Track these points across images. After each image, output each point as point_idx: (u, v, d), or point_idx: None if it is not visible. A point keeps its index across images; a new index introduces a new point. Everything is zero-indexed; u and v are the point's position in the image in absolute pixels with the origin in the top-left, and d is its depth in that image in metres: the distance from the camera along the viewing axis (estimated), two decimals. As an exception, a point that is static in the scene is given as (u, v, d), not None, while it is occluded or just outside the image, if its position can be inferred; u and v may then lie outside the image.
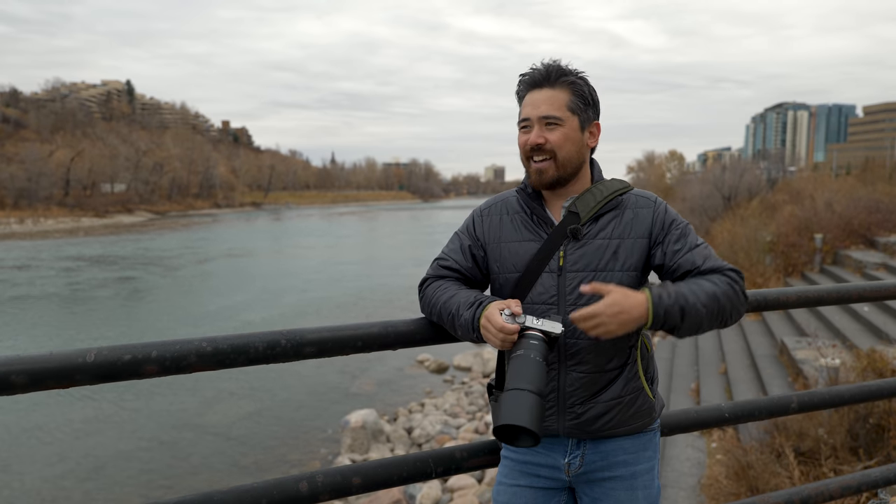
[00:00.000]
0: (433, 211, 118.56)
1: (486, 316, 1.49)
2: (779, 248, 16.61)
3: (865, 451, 5.17)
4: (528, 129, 1.60)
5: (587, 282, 1.54)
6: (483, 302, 1.55)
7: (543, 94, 1.59)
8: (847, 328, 9.61)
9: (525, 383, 1.35)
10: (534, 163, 1.60)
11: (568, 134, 1.59)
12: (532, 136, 1.59)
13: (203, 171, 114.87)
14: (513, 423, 1.30)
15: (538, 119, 1.58)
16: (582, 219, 1.59)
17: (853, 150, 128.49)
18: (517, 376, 1.37)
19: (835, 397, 2.46)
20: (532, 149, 1.59)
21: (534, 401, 1.33)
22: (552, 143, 1.58)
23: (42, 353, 1.34)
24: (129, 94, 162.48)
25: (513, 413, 1.31)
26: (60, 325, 20.81)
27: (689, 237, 1.60)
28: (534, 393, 1.34)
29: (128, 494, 9.27)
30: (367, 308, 22.48)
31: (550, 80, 1.59)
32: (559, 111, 1.58)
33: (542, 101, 1.58)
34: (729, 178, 31.06)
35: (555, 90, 1.59)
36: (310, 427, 11.79)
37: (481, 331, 1.51)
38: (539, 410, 1.33)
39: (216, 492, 1.53)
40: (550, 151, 1.58)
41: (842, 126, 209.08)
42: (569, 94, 1.59)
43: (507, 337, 1.45)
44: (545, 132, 1.58)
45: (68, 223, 73.01)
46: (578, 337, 1.56)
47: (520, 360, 1.40)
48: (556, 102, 1.58)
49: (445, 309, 1.62)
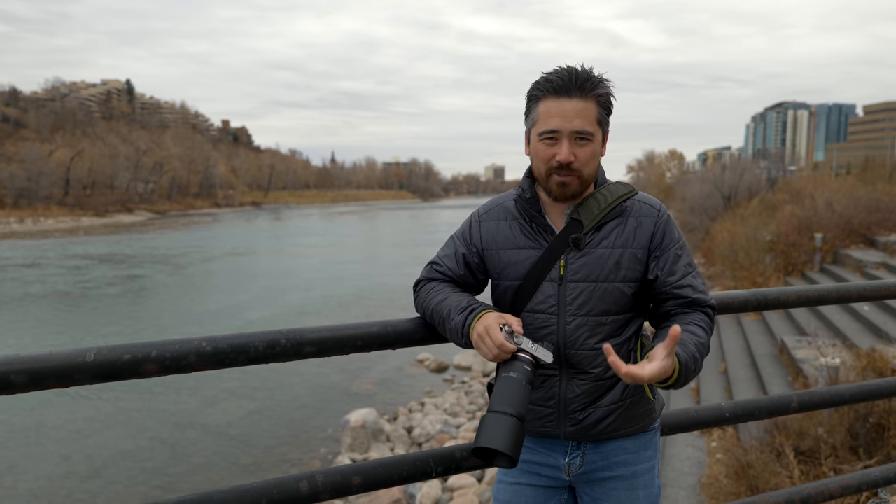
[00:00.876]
0: (433, 210, 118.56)
1: (486, 328, 1.46)
2: (779, 247, 16.60)
3: (865, 451, 5.17)
4: (555, 141, 1.49)
5: (589, 293, 1.54)
6: (475, 309, 1.53)
7: (574, 105, 1.47)
8: (847, 327, 9.61)
9: (508, 407, 1.38)
10: (558, 176, 1.51)
11: (595, 150, 1.52)
12: (563, 152, 1.48)
13: (203, 171, 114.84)
14: (491, 446, 1.34)
15: (569, 133, 1.48)
16: (585, 227, 1.55)
17: (853, 150, 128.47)
18: (501, 399, 1.39)
19: (835, 397, 2.45)
20: (561, 165, 1.49)
21: (513, 425, 1.36)
22: (581, 160, 1.49)
23: (42, 353, 1.33)
24: (128, 94, 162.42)
25: (491, 436, 1.35)
26: (62, 323, 20.81)
27: (682, 260, 1.59)
28: (514, 417, 1.37)
29: (128, 494, 9.27)
30: (367, 307, 22.48)
31: (584, 91, 1.47)
32: (591, 126, 1.48)
33: (574, 114, 1.47)
34: (729, 177, 31.03)
35: (586, 102, 1.48)
36: (310, 426, 11.79)
37: (476, 339, 1.48)
38: (518, 434, 1.36)
39: (216, 491, 1.53)
40: (578, 168, 1.50)
41: (842, 125, 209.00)
42: (597, 106, 1.49)
43: (502, 354, 1.44)
44: (575, 148, 1.49)
45: (68, 222, 73.02)
46: (578, 346, 1.56)
47: (508, 382, 1.42)
48: (588, 116, 1.48)
49: (437, 311, 1.61)
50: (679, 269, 1.57)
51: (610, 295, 1.54)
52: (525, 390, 1.41)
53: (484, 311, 1.53)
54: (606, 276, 1.54)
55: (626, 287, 1.55)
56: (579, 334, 1.55)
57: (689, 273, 1.58)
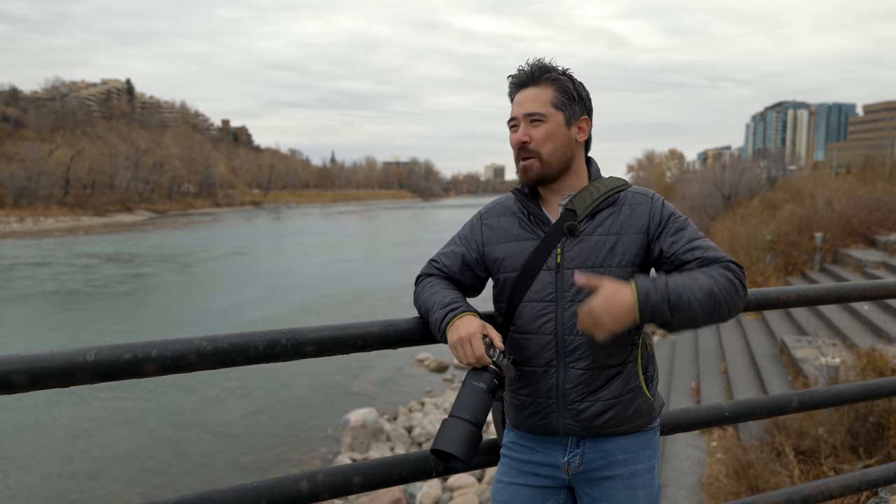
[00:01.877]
0: (433, 210, 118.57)
1: (470, 335, 1.50)
2: (779, 246, 16.61)
3: (865, 450, 5.18)
4: (516, 128, 1.63)
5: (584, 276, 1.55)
6: (456, 308, 1.58)
7: (528, 92, 1.62)
8: (847, 327, 9.61)
9: (467, 413, 1.45)
10: (521, 161, 1.63)
11: (552, 130, 1.60)
12: (518, 133, 1.61)
13: (203, 170, 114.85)
14: (446, 449, 1.42)
15: (524, 117, 1.61)
16: (579, 216, 1.59)
17: (853, 149, 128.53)
18: (463, 405, 1.47)
19: (835, 396, 2.46)
20: (520, 147, 1.62)
21: (470, 431, 1.44)
22: (535, 140, 1.60)
23: (42, 352, 1.33)
24: (128, 93, 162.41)
25: (447, 440, 1.43)
26: (65, 322, 20.82)
27: (686, 230, 1.58)
28: (472, 424, 1.45)
29: (128, 494, 9.27)
30: (368, 307, 22.49)
31: (535, 79, 1.62)
32: (542, 107, 1.60)
33: (526, 100, 1.61)
34: (729, 176, 31.02)
35: (539, 88, 1.61)
36: (310, 426, 11.79)
37: (456, 342, 1.52)
38: (473, 440, 1.44)
39: (216, 491, 1.53)
40: (535, 149, 1.60)
41: (842, 125, 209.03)
42: (552, 90, 1.61)
43: (477, 364, 1.51)
44: (530, 129, 1.61)
45: (68, 222, 73.01)
46: (577, 334, 1.56)
47: (473, 391, 1.48)
48: (539, 99, 1.60)
49: (424, 304, 1.67)
50: (684, 237, 1.57)
51: None
52: (487, 400, 1.48)
53: (465, 312, 1.57)
54: (602, 262, 1.57)
55: (622, 272, 1.56)
56: (577, 320, 1.55)
57: (698, 238, 1.57)
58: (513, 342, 1.64)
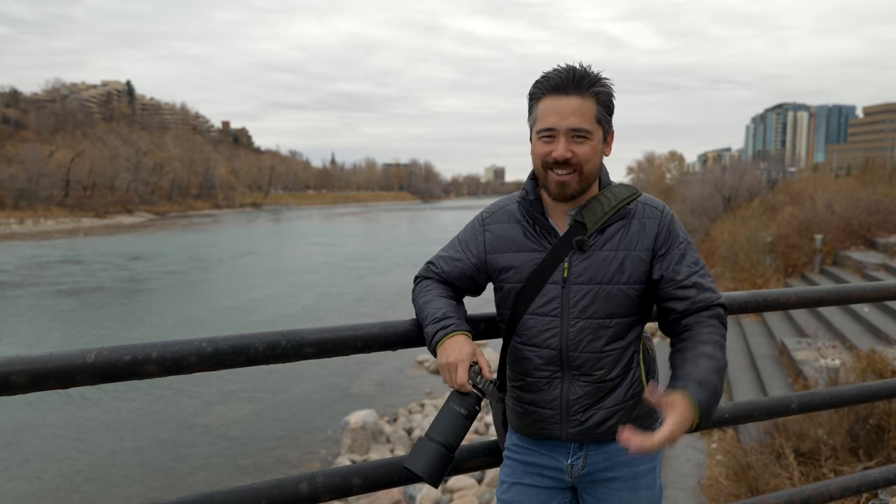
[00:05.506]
0: (433, 212, 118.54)
1: (458, 363, 1.49)
2: (779, 248, 16.61)
3: (865, 452, 5.17)
4: (552, 139, 1.49)
5: (593, 295, 1.53)
6: (448, 327, 1.55)
7: (571, 102, 1.47)
8: (847, 329, 9.60)
9: (439, 435, 1.47)
10: (556, 175, 1.50)
11: (595, 147, 1.50)
12: (559, 149, 1.48)
13: (203, 172, 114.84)
14: (412, 469, 1.46)
15: (566, 131, 1.47)
16: (588, 230, 1.54)
17: (853, 151, 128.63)
18: (438, 427, 1.49)
19: (835, 398, 2.45)
20: (558, 162, 1.49)
21: (439, 454, 1.46)
22: (580, 157, 1.49)
23: (42, 354, 1.34)
24: (129, 95, 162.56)
25: (417, 460, 1.46)
26: (65, 323, 20.80)
27: (687, 258, 1.57)
28: (443, 446, 1.46)
29: (128, 495, 9.26)
30: (367, 308, 22.47)
31: (581, 88, 1.47)
32: (588, 123, 1.48)
33: (570, 112, 1.46)
34: (729, 178, 31.03)
35: (584, 99, 1.47)
36: (310, 428, 11.78)
37: (444, 364, 1.51)
38: (442, 462, 1.46)
39: (216, 492, 1.53)
40: (577, 165, 1.49)
41: (842, 127, 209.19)
42: (596, 104, 1.49)
43: (461, 390, 1.50)
44: (573, 145, 1.48)
45: (68, 224, 72.99)
46: (582, 349, 1.55)
47: (451, 414, 1.50)
48: (585, 114, 1.47)
49: (419, 312, 1.66)
50: (684, 269, 1.56)
51: (614, 298, 1.54)
52: (465, 425, 1.49)
53: (456, 331, 1.55)
54: (610, 279, 1.54)
55: (630, 290, 1.55)
56: (582, 337, 1.55)
57: (695, 272, 1.57)
58: (516, 352, 1.63)
